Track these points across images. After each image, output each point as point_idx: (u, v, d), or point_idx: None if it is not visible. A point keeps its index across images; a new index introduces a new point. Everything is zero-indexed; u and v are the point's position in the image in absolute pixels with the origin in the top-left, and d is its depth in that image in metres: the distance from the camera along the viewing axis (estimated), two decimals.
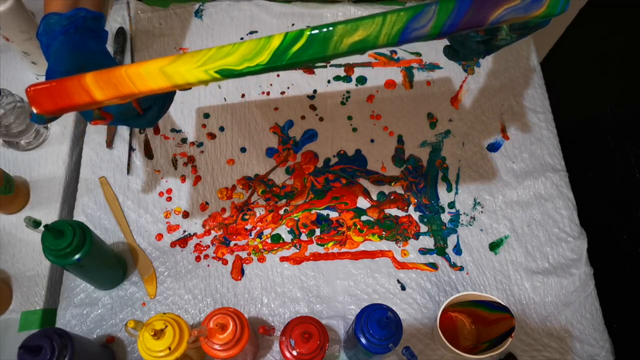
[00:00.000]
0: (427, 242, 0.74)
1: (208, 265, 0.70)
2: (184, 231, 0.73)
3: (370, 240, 0.73)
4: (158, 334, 0.51)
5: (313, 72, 0.85)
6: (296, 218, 0.74)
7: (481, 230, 0.75)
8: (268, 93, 0.83)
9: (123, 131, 0.79)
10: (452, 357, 0.66)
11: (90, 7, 0.57)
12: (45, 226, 0.54)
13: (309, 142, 0.80)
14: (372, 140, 0.80)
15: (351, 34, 0.39)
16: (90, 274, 0.64)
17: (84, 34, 0.55)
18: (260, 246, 0.72)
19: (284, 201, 0.75)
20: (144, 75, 0.42)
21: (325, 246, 0.73)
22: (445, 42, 0.56)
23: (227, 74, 0.41)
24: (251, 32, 0.89)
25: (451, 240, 0.74)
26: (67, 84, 0.43)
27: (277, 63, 0.40)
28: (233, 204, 0.75)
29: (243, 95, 0.83)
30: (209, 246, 0.71)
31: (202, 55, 0.41)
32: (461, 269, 0.72)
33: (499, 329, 0.61)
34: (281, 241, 0.73)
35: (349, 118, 0.82)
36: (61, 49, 0.53)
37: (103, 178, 0.75)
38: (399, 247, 0.73)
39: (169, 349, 0.51)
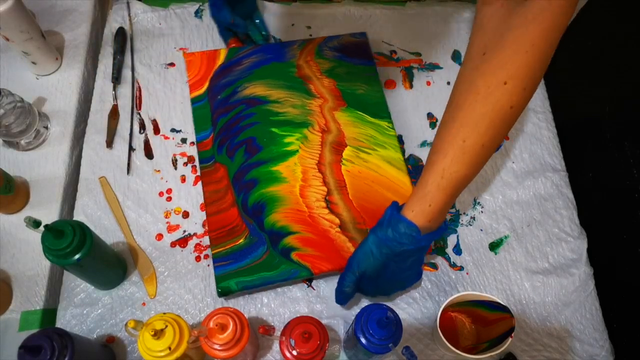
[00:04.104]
0: None
1: (208, 265, 0.70)
2: (184, 231, 0.73)
3: None
4: (158, 334, 0.51)
5: None
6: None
7: (481, 230, 0.75)
8: None
9: (123, 131, 0.79)
10: (452, 357, 0.66)
11: None
12: (46, 226, 0.54)
13: None
14: None
15: None
16: (90, 274, 0.64)
17: None
18: None
19: None
20: None
21: None
22: None
23: None
24: None
25: (451, 240, 0.74)
26: None
27: None
28: None
29: None
30: (208, 246, 0.71)
31: None
32: (461, 268, 0.72)
33: (498, 329, 0.61)
34: None
35: None
36: None
37: (103, 178, 0.75)
38: None
39: (169, 348, 0.51)
